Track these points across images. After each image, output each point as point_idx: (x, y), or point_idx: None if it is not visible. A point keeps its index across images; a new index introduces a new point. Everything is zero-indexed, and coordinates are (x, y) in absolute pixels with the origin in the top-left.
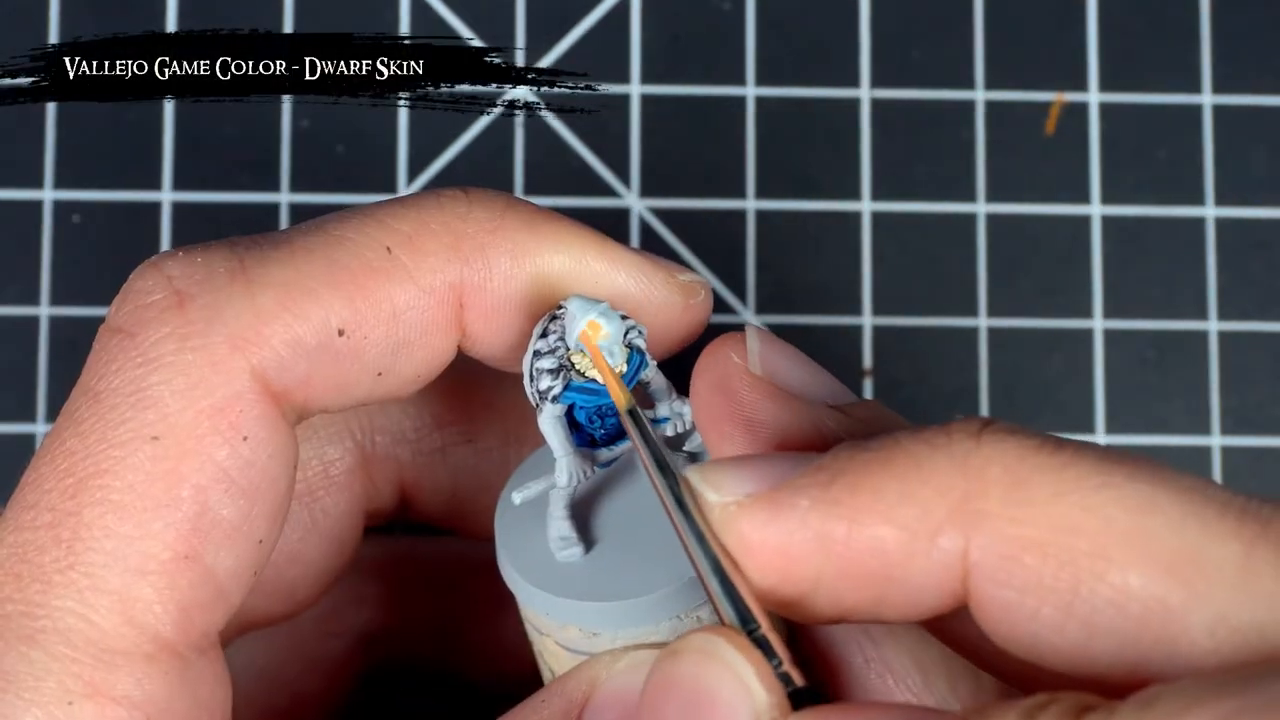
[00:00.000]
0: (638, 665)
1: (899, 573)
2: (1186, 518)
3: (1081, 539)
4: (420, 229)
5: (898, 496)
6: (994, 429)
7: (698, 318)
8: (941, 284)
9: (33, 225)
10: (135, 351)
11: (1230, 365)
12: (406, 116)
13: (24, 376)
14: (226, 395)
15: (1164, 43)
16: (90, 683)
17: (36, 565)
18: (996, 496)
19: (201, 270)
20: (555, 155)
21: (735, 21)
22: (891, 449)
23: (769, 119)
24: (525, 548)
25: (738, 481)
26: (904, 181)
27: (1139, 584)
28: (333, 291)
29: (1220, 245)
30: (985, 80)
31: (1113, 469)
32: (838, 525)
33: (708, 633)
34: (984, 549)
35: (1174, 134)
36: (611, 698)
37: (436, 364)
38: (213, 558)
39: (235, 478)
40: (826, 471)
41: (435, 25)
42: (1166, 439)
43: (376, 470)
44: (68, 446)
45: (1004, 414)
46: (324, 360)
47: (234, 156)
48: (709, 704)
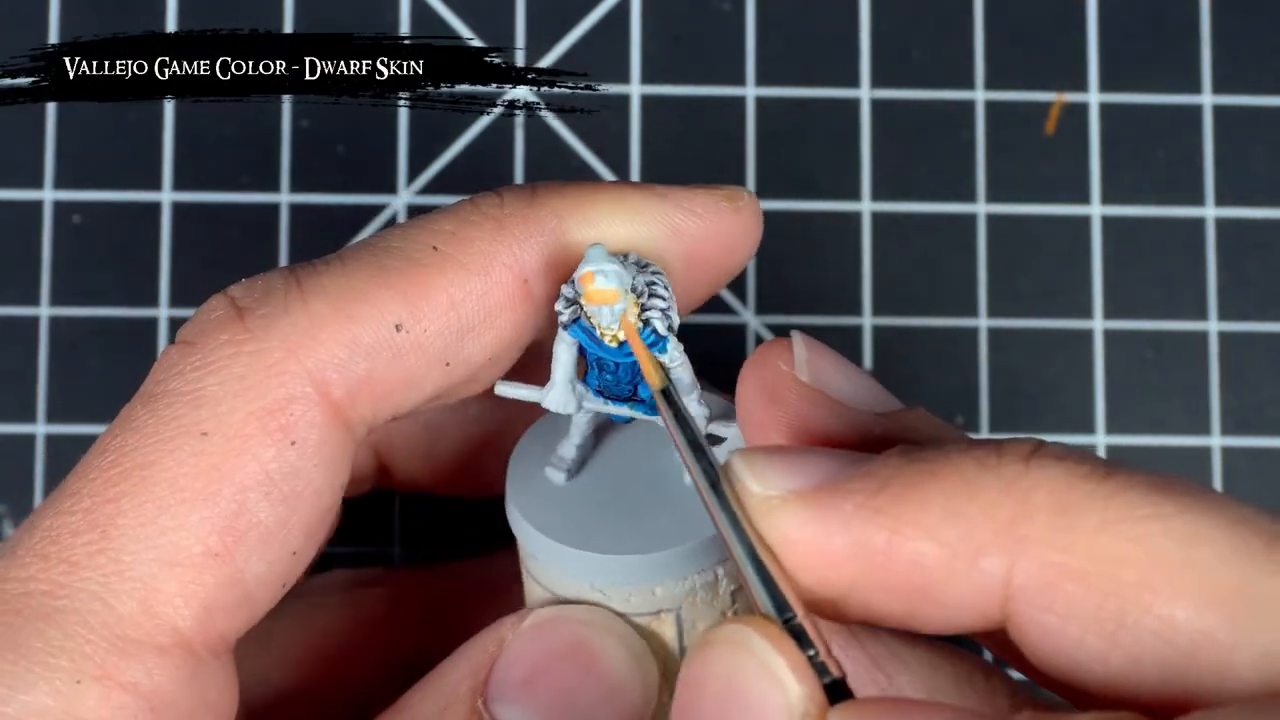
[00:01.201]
0: (542, 622)
1: (936, 590)
2: (1235, 550)
3: (1128, 570)
4: (461, 224)
5: (943, 513)
6: (1044, 452)
7: (750, 221)
8: (941, 284)
9: (33, 225)
10: (195, 357)
11: (1230, 365)
12: (406, 116)
13: (24, 376)
14: (279, 398)
15: (1164, 43)
16: (101, 665)
17: (67, 547)
18: (1042, 522)
19: (260, 289)
20: (555, 155)
21: (735, 21)
22: (941, 464)
23: (769, 119)
24: (538, 498)
25: (782, 475)
26: (904, 181)
27: (1185, 617)
28: (385, 291)
29: (1220, 245)
30: (985, 80)
31: (1161, 499)
32: (879, 534)
33: (739, 623)
34: (1028, 574)
35: (1174, 134)
36: (520, 654)
37: (510, 346)
38: (244, 560)
39: (278, 482)
40: (874, 479)
41: (435, 25)
42: (1166, 439)
43: None
44: (118, 441)
45: (1004, 414)
46: (384, 357)
47: (234, 156)
48: (741, 700)
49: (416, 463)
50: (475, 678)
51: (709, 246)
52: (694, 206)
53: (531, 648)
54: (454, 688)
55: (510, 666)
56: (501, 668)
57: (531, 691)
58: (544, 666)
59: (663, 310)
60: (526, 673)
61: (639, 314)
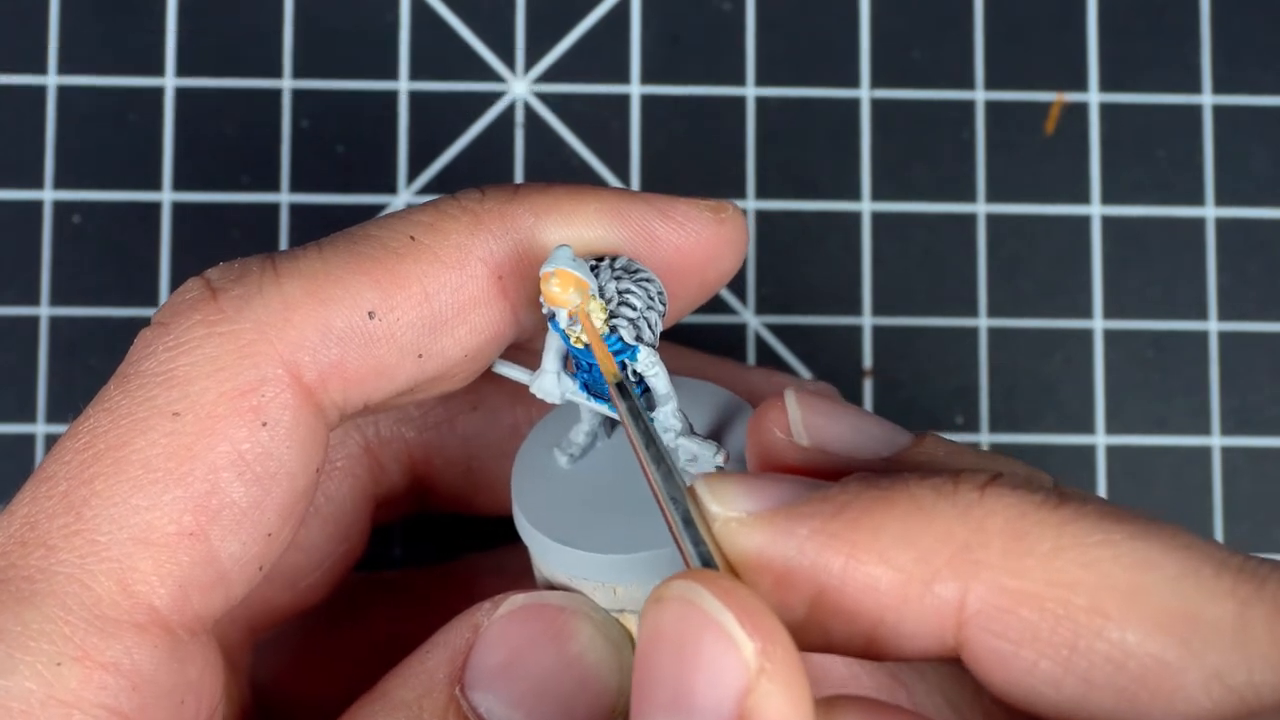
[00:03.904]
0: (517, 608)
1: (891, 615)
2: (1184, 576)
3: (1080, 594)
4: (440, 216)
5: (897, 539)
6: (1000, 481)
7: (734, 234)
8: (941, 284)
9: (33, 225)
10: (168, 337)
11: (1230, 365)
12: (406, 117)
13: (24, 376)
14: (251, 379)
15: (1164, 43)
16: (80, 646)
17: (44, 532)
18: (997, 548)
19: (235, 271)
20: (555, 155)
21: (735, 21)
22: (898, 491)
23: (769, 119)
24: (540, 499)
25: (741, 497)
26: (904, 181)
27: (1136, 641)
28: (359, 277)
29: (1220, 245)
30: (985, 80)
31: (1112, 526)
32: (834, 559)
33: (687, 579)
34: (982, 599)
35: (1174, 134)
36: (496, 639)
37: (484, 343)
38: (219, 540)
39: (250, 463)
40: (831, 503)
41: (435, 25)
42: (1166, 439)
43: (384, 452)
44: (92, 423)
45: (1004, 414)
46: (356, 344)
47: (234, 156)
48: (694, 660)
49: (455, 476)
50: (453, 664)
51: (690, 256)
52: (674, 214)
53: (507, 633)
54: (431, 673)
55: (487, 652)
56: (478, 653)
57: (508, 677)
58: (520, 651)
59: (630, 320)
60: (503, 658)
61: (606, 320)
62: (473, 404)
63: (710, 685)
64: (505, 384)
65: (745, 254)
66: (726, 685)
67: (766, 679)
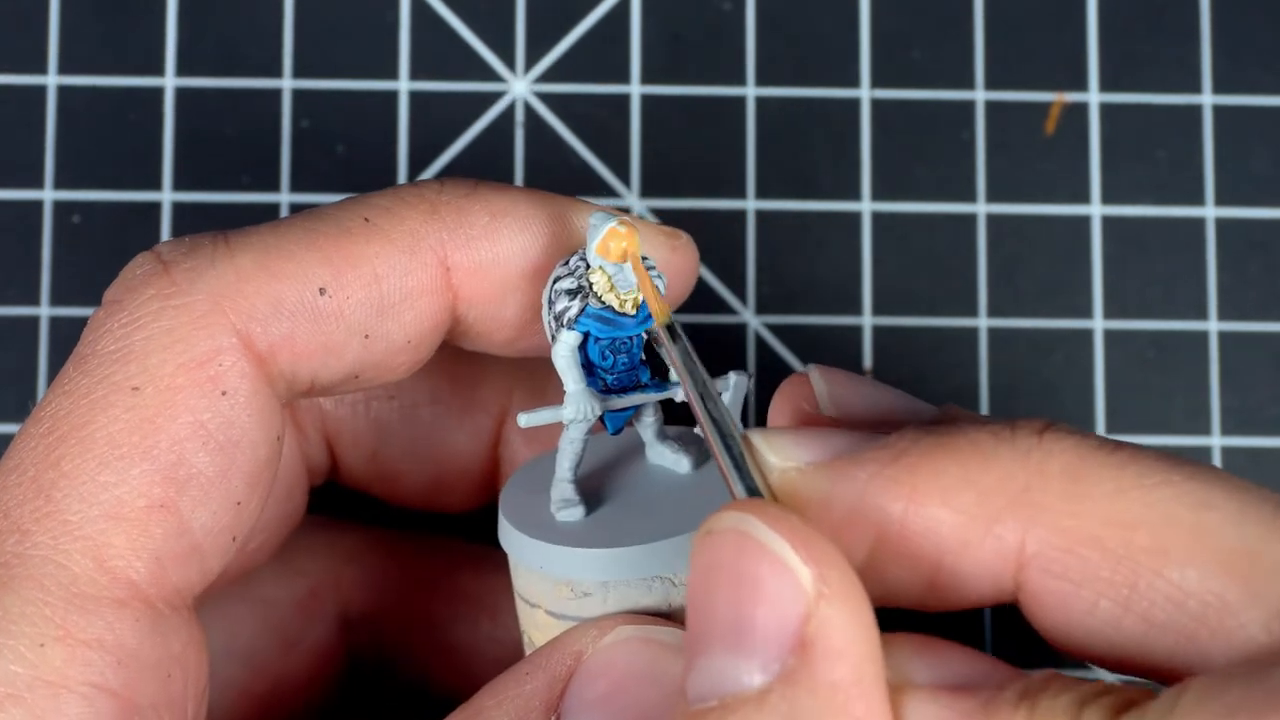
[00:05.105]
0: (623, 639)
1: (950, 559)
2: (1244, 516)
3: (1140, 534)
4: (397, 202)
5: (958, 481)
6: (1057, 428)
7: (685, 262)
8: (941, 284)
9: (33, 225)
10: (122, 314)
11: (1230, 365)
12: (406, 117)
13: (24, 376)
14: (207, 350)
15: (1164, 43)
16: (62, 626)
17: (16, 518)
18: (1057, 490)
19: (186, 245)
20: (555, 155)
21: (735, 21)
22: (956, 436)
23: (769, 119)
24: (525, 511)
25: (799, 448)
26: (904, 181)
27: (1197, 579)
28: (311, 253)
29: (1220, 245)
30: (985, 80)
31: (1171, 469)
32: (895, 503)
33: (739, 509)
34: (1042, 540)
35: (1174, 134)
36: (598, 670)
37: (427, 330)
38: (189, 511)
39: (213, 431)
40: (890, 450)
41: (435, 25)
42: (1166, 439)
43: (303, 416)
44: (53, 407)
45: (1004, 414)
46: (305, 319)
47: (234, 156)
48: (752, 588)
49: (362, 459)
50: (551, 690)
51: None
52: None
53: (612, 664)
54: (528, 699)
55: (588, 682)
56: (579, 682)
57: (607, 711)
58: (622, 685)
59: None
60: (604, 690)
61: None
62: (390, 393)
63: (770, 615)
64: (427, 379)
65: (694, 284)
66: (786, 613)
67: (826, 603)
